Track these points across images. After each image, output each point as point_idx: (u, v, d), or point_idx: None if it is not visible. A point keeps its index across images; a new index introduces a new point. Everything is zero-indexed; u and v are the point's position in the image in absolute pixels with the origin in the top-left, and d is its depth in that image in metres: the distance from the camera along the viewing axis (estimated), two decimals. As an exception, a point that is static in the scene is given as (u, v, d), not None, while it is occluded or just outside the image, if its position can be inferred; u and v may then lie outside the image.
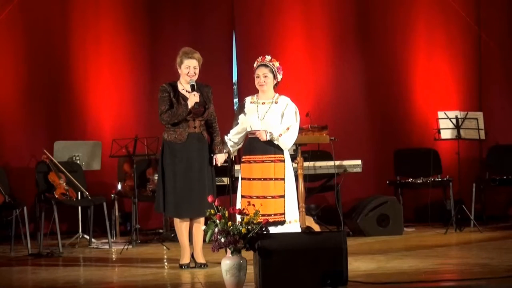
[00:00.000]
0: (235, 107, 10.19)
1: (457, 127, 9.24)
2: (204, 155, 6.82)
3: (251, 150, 6.68)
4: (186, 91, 6.79)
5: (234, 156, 7.95)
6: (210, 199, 5.67)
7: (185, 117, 6.73)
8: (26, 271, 7.18)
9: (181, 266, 6.82)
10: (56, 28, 9.97)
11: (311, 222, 8.28)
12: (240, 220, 5.66)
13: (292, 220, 6.62)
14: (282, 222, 6.56)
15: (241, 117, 6.77)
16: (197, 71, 6.82)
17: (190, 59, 6.79)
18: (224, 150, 6.91)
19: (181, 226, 6.82)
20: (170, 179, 6.76)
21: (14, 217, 8.58)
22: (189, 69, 6.78)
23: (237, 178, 7.12)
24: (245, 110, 6.75)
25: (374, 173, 10.11)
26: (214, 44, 10.05)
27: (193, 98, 6.71)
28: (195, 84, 6.77)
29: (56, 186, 8.60)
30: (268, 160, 6.62)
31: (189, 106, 6.71)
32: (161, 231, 9.42)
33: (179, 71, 6.85)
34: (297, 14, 10.42)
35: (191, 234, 6.88)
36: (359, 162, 8.93)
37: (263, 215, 5.92)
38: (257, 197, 6.55)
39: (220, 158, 6.87)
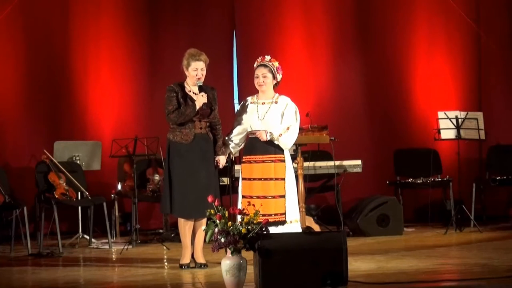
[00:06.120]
0: (235, 107, 10.20)
1: (457, 127, 9.24)
2: (210, 156, 6.83)
3: (251, 150, 6.69)
4: (193, 93, 6.81)
5: (234, 157, 7.95)
6: (210, 199, 5.68)
7: (192, 118, 6.74)
8: (26, 271, 7.18)
9: (181, 266, 6.83)
10: (56, 28, 9.97)
11: (311, 222, 8.28)
12: (240, 220, 5.66)
13: (293, 220, 6.63)
14: (282, 222, 6.56)
15: (242, 117, 6.77)
16: (204, 72, 6.83)
17: (197, 61, 6.80)
18: (226, 152, 6.91)
19: (185, 226, 6.82)
20: (178, 180, 6.76)
21: (14, 217, 8.57)
22: (196, 71, 6.79)
23: (237, 178, 7.13)
24: (246, 110, 6.76)
25: (374, 173, 10.11)
26: (214, 44, 10.04)
27: (201, 99, 6.73)
28: (202, 85, 6.79)
29: (56, 186, 8.60)
30: (269, 160, 6.63)
31: (197, 107, 6.72)
32: (161, 231, 9.42)
33: (186, 73, 6.85)
34: (297, 14, 10.42)
35: (193, 234, 6.88)
36: (359, 162, 8.93)
37: (263, 215, 5.93)
38: (258, 197, 6.55)
39: (222, 161, 6.88)
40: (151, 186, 9.27)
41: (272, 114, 6.65)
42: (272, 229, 6.19)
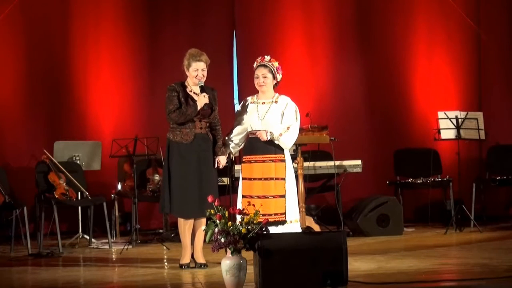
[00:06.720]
0: (235, 107, 10.20)
1: (457, 127, 9.24)
2: (210, 156, 6.84)
3: (251, 150, 6.69)
4: (194, 93, 6.81)
5: (234, 156, 7.95)
6: (210, 199, 5.68)
7: (192, 118, 6.75)
8: (26, 271, 7.18)
9: (181, 266, 6.83)
10: (56, 28, 9.97)
11: (311, 222, 8.28)
12: (240, 220, 5.66)
13: (293, 220, 6.63)
14: (282, 222, 6.56)
15: (242, 117, 6.77)
16: (205, 73, 6.83)
17: (198, 62, 6.80)
18: (226, 152, 6.91)
19: (185, 226, 6.82)
20: (177, 179, 6.76)
21: (14, 217, 8.57)
22: (197, 71, 6.80)
23: (237, 178, 7.13)
24: (246, 110, 6.76)
25: (374, 173, 10.11)
26: (214, 44, 10.04)
27: (202, 99, 6.74)
28: (204, 86, 6.80)
29: (56, 186, 8.60)
30: (269, 160, 6.63)
31: (198, 107, 6.72)
32: (161, 231, 9.43)
33: (187, 73, 6.85)
34: (297, 14, 10.43)
35: (193, 234, 6.88)
36: (359, 162, 8.93)
37: (263, 215, 5.93)
38: (258, 197, 6.55)
39: (222, 161, 6.89)
40: (151, 186, 9.27)
41: (272, 114, 6.65)
42: (272, 229, 6.19)
